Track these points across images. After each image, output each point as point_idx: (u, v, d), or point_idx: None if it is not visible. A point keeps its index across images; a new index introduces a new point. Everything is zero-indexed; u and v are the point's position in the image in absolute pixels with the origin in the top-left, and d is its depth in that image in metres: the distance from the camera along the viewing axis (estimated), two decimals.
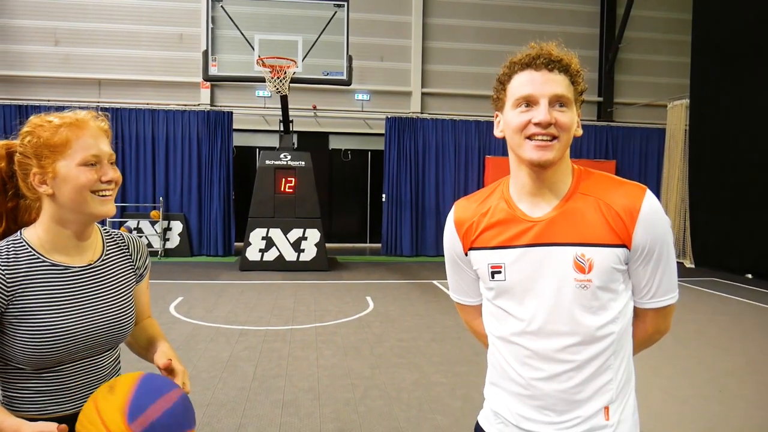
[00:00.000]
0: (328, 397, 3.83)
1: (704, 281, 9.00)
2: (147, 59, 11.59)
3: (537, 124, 1.17)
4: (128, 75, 11.51)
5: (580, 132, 1.25)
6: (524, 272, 1.24)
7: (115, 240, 1.39)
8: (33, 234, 1.24)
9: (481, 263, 1.31)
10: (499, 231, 1.27)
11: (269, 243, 9.37)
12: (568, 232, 1.21)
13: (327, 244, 10.02)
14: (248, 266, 9.27)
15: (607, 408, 1.22)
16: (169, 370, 1.25)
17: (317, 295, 7.39)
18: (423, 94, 12.47)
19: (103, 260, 1.32)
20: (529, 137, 1.18)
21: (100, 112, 1.30)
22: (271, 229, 9.38)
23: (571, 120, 1.19)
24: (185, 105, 11.50)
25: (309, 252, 9.45)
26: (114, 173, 1.24)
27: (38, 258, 1.21)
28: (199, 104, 11.68)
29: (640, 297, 1.26)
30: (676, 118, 11.62)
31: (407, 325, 5.90)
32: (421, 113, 12.33)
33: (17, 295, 1.17)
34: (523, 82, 1.20)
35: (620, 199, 1.20)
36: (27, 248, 1.21)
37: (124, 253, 1.38)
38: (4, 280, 1.16)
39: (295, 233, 9.43)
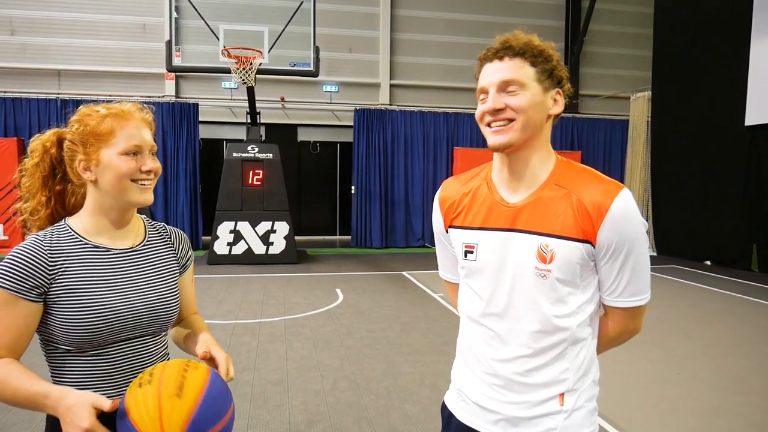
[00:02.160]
0: (297, 389, 3.82)
1: (666, 268, 9.25)
2: (108, 49, 11.30)
3: (488, 112, 1.22)
4: (89, 66, 11.20)
5: (556, 110, 1.25)
6: (493, 255, 1.27)
7: (157, 229, 1.42)
8: (77, 220, 1.29)
9: (458, 241, 1.35)
10: (477, 212, 1.31)
11: (237, 236, 9.27)
12: (536, 221, 1.23)
13: (296, 237, 9.96)
14: (216, 260, 9.16)
15: (562, 395, 1.25)
16: (210, 359, 1.27)
17: (287, 288, 7.35)
18: (392, 85, 12.47)
19: (144, 245, 1.35)
20: (488, 125, 1.23)
21: (145, 105, 1.35)
22: (239, 223, 9.28)
23: (527, 100, 1.20)
24: (149, 97, 11.25)
25: (278, 245, 9.38)
26: (154, 164, 1.29)
27: (81, 240, 1.26)
28: (163, 96, 11.45)
29: (607, 294, 1.27)
30: (638, 110, 11.89)
31: (377, 316, 5.92)
32: (390, 105, 12.33)
33: (60, 274, 1.20)
34: (482, 76, 1.26)
35: (592, 194, 1.19)
36: (70, 232, 1.26)
37: (166, 241, 1.41)
38: (46, 260, 1.19)
39: (264, 226, 9.35)
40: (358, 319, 5.78)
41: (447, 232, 1.40)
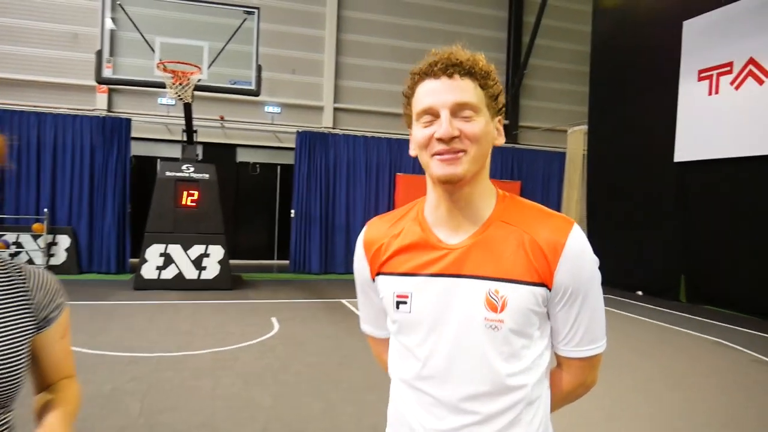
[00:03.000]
0: None
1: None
2: (34, 58, 10.62)
3: (440, 140, 1.03)
4: (11, 74, 10.47)
5: (500, 141, 1.11)
6: (431, 305, 1.09)
7: (7, 269, 1.10)
8: None
9: (388, 291, 1.15)
10: (410, 256, 1.13)
11: (168, 260, 8.76)
12: (483, 264, 1.07)
13: (232, 261, 9.54)
14: (144, 285, 8.60)
15: None
16: None
17: (218, 316, 6.95)
18: (335, 109, 12.33)
19: None
20: (436, 153, 1.05)
21: None
22: (170, 245, 8.78)
23: (481, 129, 1.04)
24: (78, 109, 10.63)
25: (211, 270, 8.93)
26: None
27: None
28: (94, 109, 10.84)
29: (563, 344, 1.12)
30: (575, 143, 12.25)
31: (314, 348, 5.63)
32: (333, 128, 12.17)
33: None
34: (423, 93, 1.07)
35: (545, 232, 1.06)
36: None
37: (16, 286, 1.09)
38: None
39: (197, 250, 8.89)
40: (294, 351, 5.48)
41: (374, 281, 1.20)
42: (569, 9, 13.65)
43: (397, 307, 1.13)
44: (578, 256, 1.05)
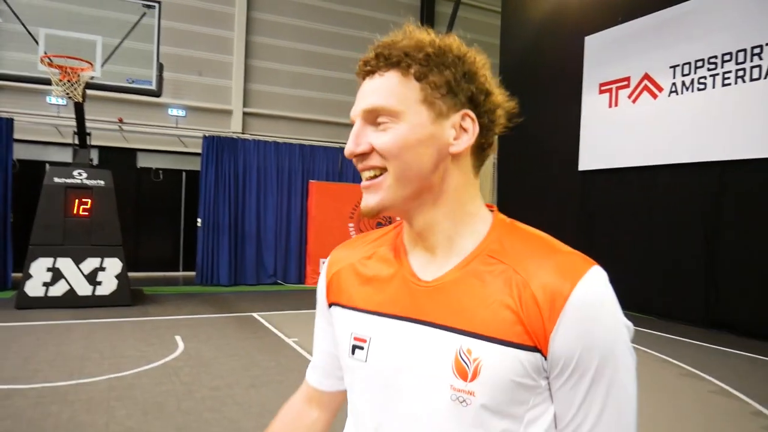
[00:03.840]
0: None
1: None
2: None
3: (348, 156, 0.84)
4: None
5: (462, 144, 0.82)
6: (390, 357, 0.84)
7: None
8: None
9: (344, 330, 0.92)
10: (375, 289, 0.89)
11: (57, 275, 7.94)
12: (455, 312, 0.79)
13: (132, 274, 8.84)
14: (27, 303, 7.73)
15: None
16: None
17: (115, 336, 6.35)
18: (245, 113, 11.85)
19: None
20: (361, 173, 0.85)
21: None
22: (59, 259, 7.96)
23: (399, 137, 0.79)
24: None
25: (108, 285, 8.20)
26: None
27: None
28: None
29: None
30: None
31: (222, 369, 5.24)
32: (243, 134, 11.68)
33: None
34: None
35: (544, 275, 0.76)
36: None
37: None
38: None
39: (91, 263, 8.13)
40: (200, 373, 5.07)
41: (329, 308, 0.97)
42: (479, 21, 13.99)
43: (353, 352, 0.89)
44: (589, 315, 0.74)
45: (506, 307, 0.76)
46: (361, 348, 0.88)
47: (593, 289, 0.75)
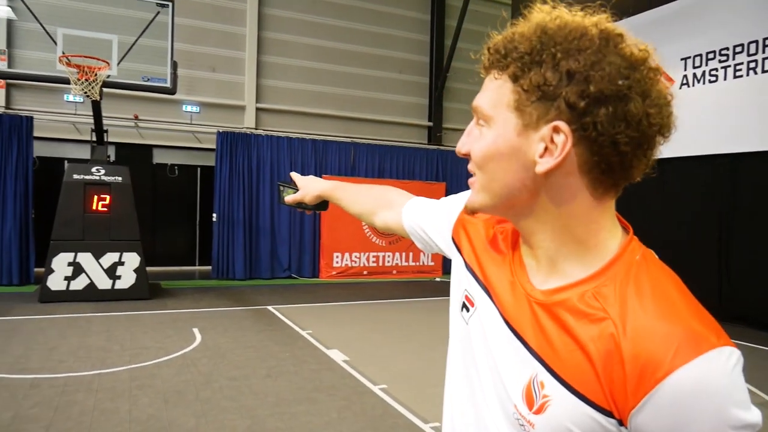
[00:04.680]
0: None
1: None
2: None
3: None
4: None
5: (543, 167, 0.69)
6: (481, 339, 0.82)
7: None
8: None
9: (458, 279, 0.92)
10: (490, 264, 0.85)
11: (77, 269, 8.15)
12: (541, 335, 0.73)
13: (150, 268, 9.04)
14: (50, 297, 7.95)
15: None
16: None
17: (135, 329, 6.52)
18: (258, 109, 11.98)
19: None
20: None
21: None
22: (79, 254, 8.17)
23: (483, 147, 0.73)
24: None
25: (126, 279, 8.40)
26: None
27: None
28: None
29: None
30: None
31: (239, 360, 5.39)
32: (256, 129, 11.82)
33: None
34: None
35: (646, 341, 0.62)
36: None
37: None
38: None
39: (110, 258, 8.32)
40: (218, 364, 5.21)
41: (453, 240, 0.97)
42: (489, 14, 13.95)
43: (461, 308, 0.88)
44: (687, 407, 0.60)
45: (588, 359, 0.67)
46: (468, 310, 0.86)
47: (704, 376, 0.60)
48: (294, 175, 1.42)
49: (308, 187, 1.36)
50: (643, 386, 0.61)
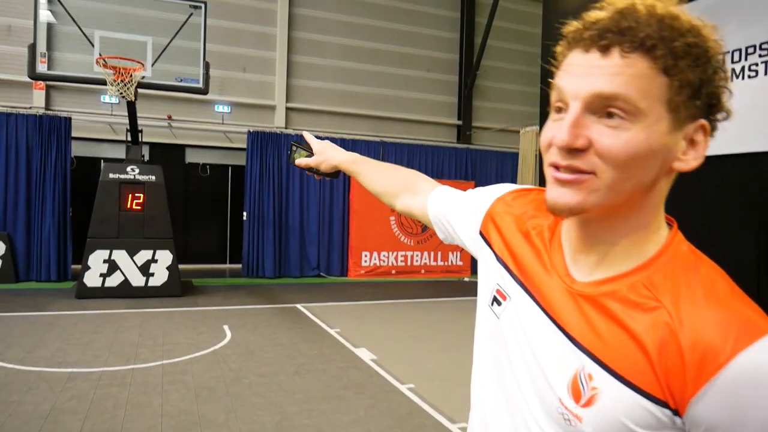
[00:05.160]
0: None
1: None
2: None
3: (558, 146, 0.68)
4: None
5: (685, 164, 0.69)
6: (516, 334, 0.80)
7: None
8: None
9: (488, 272, 0.90)
10: (525, 257, 0.83)
11: (112, 266, 8.35)
12: (587, 327, 0.71)
13: (182, 266, 9.19)
14: (86, 293, 8.17)
15: None
16: None
17: (167, 325, 6.65)
18: (288, 108, 12.08)
19: None
20: (552, 165, 0.70)
21: None
22: (114, 251, 8.37)
23: (631, 144, 0.64)
24: (13, 107, 10.01)
25: (159, 276, 8.57)
26: None
27: None
28: (31, 107, 10.23)
29: None
30: (527, 144, 12.39)
31: (268, 357, 5.44)
32: (286, 128, 11.92)
33: None
34: (563, 70, 0.71)
35: (704, 328, 0.62)
36: None
37: None
38: None
39: (144, 255, 8.51)
40: (248, 361, 5.27)
41: (480, 235, 0.95)
42: (520, 11, 13.82)
43: (492, 303, 0.86)
44: (750, 392, 0.59)
45: (641, 349, 0.65)
46: (499, 304, 0.84)
47: (764, 360, 0.59)
48: (308, 137, 1.35)
49: (325, 154, 1.30)
50: (705, 374, 0.61)
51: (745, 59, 8.09)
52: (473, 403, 0.91)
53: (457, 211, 1.03)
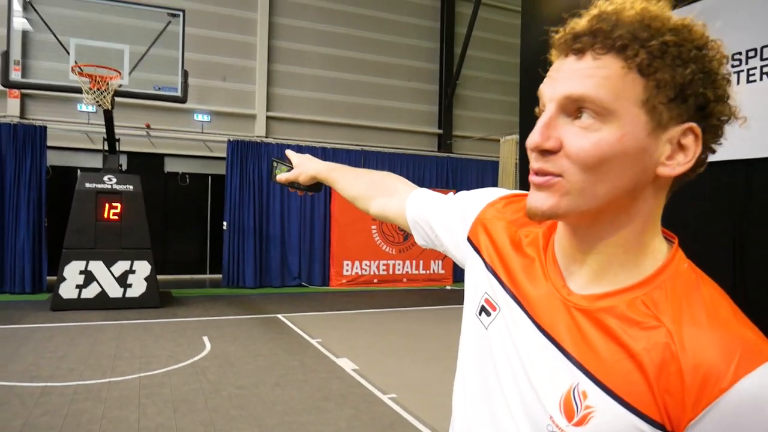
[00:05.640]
0: None
1: None
2: None
3: (531, 149, 0.68)
4: None
5: (673, 169, 0.65)
6: (505, 345, 0.77)
7: None
8: None
9: (476, 281, 0.86)
10: (516, 266, 0.80)
11: (89, 277, 8.19)
12: (582, 342, 0.68)
13: (161, 277, 9.07)
14: (62, 305, 7.99)
15: None
16: None
17: (145, 337, 6.53)
18: (268, 117, 12.03)
19: None
20: (531, 169, 0.69)
21: None
22: (91, 262, 8.21)
23: (598, 146, 0.63)
24: None
25: (137, 287, 8.43)
26: None
27: None
28: (5, 116, 10.04)
29: None
30: (507, 152, 12.49)
31: (248, 368, 5.37)
32: (266, 137, 11.86)
33: None
34: (545, 79, 0.72)
35: (706, 351, 0.60)
36: None
37: None
38: None
39: (121, 266, 8.36)
40: (227, 372, 5.20)
41: (468, 240, 0.90)
42: (499, 21, 13.98)
43: (480, 313, 0.82)
44: (751, 419, 0.57)
45: (639, 369, 0.63)
46: (488, 314, 0.81)
47: (759, 391, 0.57)
48: (289, 153, 1.36)
49: (303, 166, 1.29)
50: (705, 397, 0.58)
51: (746, 63, 8.23)
52: (455, 417, 0.88)
53: (440, 216, 0.99)
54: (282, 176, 1.31)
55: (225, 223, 11.13)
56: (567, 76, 0.65)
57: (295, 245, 11.55)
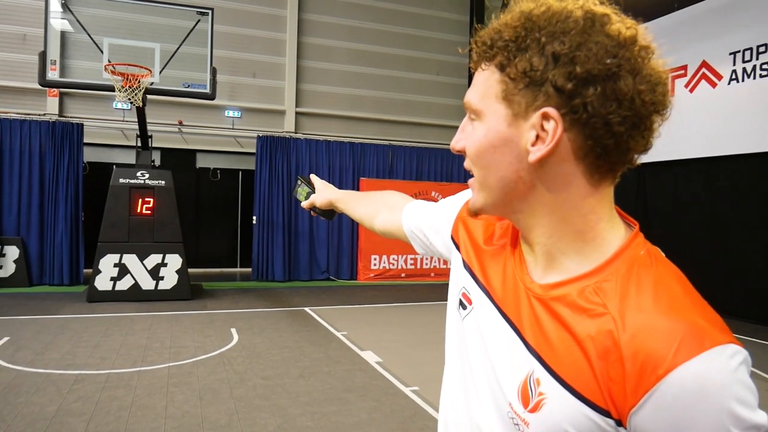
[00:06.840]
0: None
1: None
2: None
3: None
4: None
5: (535, 155, 0.66)
6: (477, 334, 0.80)
7: None
8: None
9: (456, 277, 0.90)
10: (489, 261, 0.83)
11: (123, 270, 8.43)
12: (539, 331, 0.70)
13: (192, 270, 9.27)
14: (97, 297, 8.26)
15: None
16: None
17: (175, 328, 6.70)
18: (297, 113, 12.15)
19: None
20: None
21: None
22: (125, 255, 8.46)
23: (474, 140, 0.71)
24: (27, 114, 10.18)
25: (169, 280, 8.64)
26: None
27: None
28: (44, 114, 10.40)
29: None
30: None
31: (273, 359, 5.46)
32: (295, 133, 11.98)
33: None
34: None
35: (648, 338, 0.59)
36: None
37: None
38: None
39: (154, 259, 8.58)
40: (253, 363, 5.30)
41: (452, 240, 0.95)
42: None
43: (459, 306, 0.86)
44: (689, 406, 0.56)
45: (585, 356, 0.64)
46: (464, 307, 0.84)
47: (707, 373, 0.56)
48: (314, 178, 1.46)
49: (322, 192, 1.39)
50: (643, 384, 0.58)
51: (756, 58, 7.96)
52: (440, 406, 0.92)
53: (430, 221, 1.04)
54: (305, 203, 1.43)
55: (255, 218, 11.30)
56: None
57: (323, 240, 11.66)
